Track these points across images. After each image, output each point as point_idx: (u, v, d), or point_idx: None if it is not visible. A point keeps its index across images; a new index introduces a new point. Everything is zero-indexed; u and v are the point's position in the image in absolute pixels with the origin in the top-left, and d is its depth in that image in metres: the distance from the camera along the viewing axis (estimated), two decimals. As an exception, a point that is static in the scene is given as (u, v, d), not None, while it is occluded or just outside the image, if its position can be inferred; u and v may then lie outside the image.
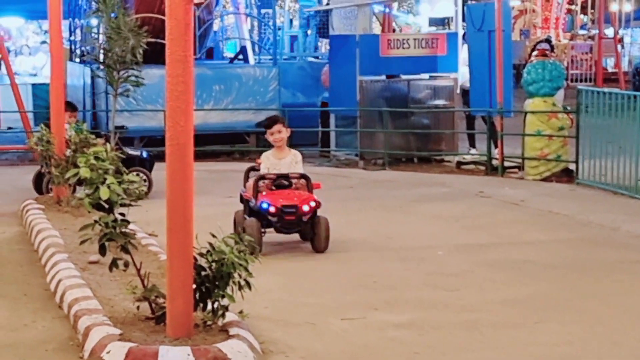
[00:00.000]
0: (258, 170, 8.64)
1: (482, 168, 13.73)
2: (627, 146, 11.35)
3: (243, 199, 8.69)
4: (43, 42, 25.04)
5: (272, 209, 8.15)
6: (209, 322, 5.50)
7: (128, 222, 5.58)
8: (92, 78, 15.35)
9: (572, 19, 36.23)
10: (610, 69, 28.77)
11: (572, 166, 12.53)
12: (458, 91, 15.14)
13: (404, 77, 15.02)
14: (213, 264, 5.39)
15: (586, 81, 28.06)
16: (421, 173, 13.65)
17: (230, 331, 5.40)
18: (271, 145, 8.70)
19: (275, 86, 16.02)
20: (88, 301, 6.04)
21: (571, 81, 26.52)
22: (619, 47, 26.88)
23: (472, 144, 15.13)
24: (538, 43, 15.02)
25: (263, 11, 20.44)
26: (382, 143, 14.34)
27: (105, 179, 5.43)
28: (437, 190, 11.99)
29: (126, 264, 5.64)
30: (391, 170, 13.97)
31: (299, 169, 8.52)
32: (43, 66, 21.84)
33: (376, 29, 23.76)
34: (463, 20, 15.44)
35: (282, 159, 8.53)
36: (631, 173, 11.20)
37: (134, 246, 5.62)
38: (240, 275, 5.44)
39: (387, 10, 23.00)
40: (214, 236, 5.46)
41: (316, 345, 5.69)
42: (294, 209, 8.16)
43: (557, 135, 12.77)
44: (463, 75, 15.06)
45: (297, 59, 20.98)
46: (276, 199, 8.20)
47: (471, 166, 14.11)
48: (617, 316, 6.36)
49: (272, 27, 18.29)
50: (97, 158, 5.48)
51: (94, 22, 13.39)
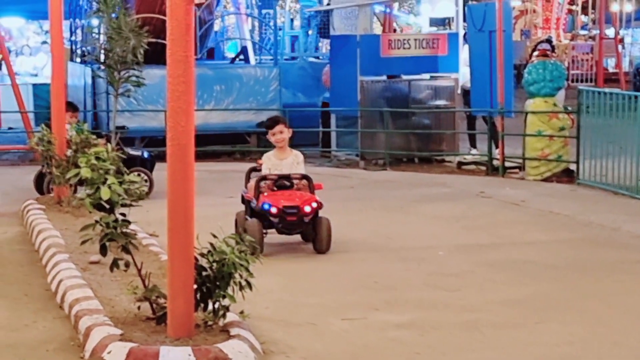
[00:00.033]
0: (259, 170, 8.61)
1: (483, 168, 13.73)
2: (628, 146, 11.36)
3: (244, 200, 8.66)
4: (44, 42, 25.03)
5: (274, 210, 8.13)
6: (210, 323, 5.49)
7: (129, 223, 5.58)
8: (93, 78, 15.35)
9: (573, 19, 36.22)
10: (611, 69, 28.75)
11: (573, 166, 12.53)
12: (459, 91, 15.14)
13: (405, 78, 15.01)
14: (214, 264, 5.39)
15: (587, 81, 28.01)
16: (422, 173, 13.65)
17: (231, 331, 5.40)
18: (272, 145, 8.69)
19: (276, 86, 16.02)
20: (89, 301, 6.04)
21: (572, 81, 26.49)
22: (620, 48, 26.87)
23: (473, 144, 15.13)
24: (539, 43, 15.05)
25: (264, 11, 20.41)
26: (383, 143, 14.34)
27: (106, 179, 5.43)
28: (438, 190, 11.99)
29: (127, 264, 5.63)
30: (392, 170, 13.98)
31: (301, 170, 8.50)
32: (44, 66, 21.83)
33: (377, 29, 23.74)
34: (464, 20, 15.44)
35: (284, 160, 8.51)
36: (632, 173, 11.20)
37: (135, 246, 5.62)
38: (241, 275, 5.43)
39: (388, 10, 23.02)
40: (215, 236, 5.46)
41: (317, 345, 5.70)
42: (296, 210, 8.14)
43: (558, 135, 12.77)
44: (464, 75, 15.06)
45: (298, 59, 20.96)
46: (278, 200, 8.17)
47: (472, 166, 14.11)
48: (618, 316, 6.36)
49: (273, 27, 18.27)
50: (98, 158, 5.48)
51: (95, 22, 13.41)
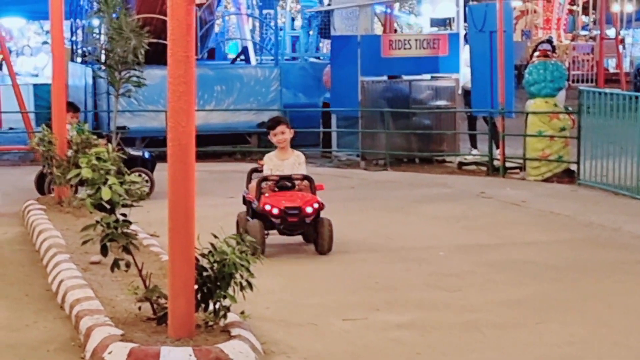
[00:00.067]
0: (261, 171, 8.59)
1: (484, 169, 13.72)
2: (629, 147, 11.35)
3: (246, 201, 8.65)
4: (44, 43, 25.04)
5: (275, 211, 8.12)
6: (211, 323, 5.49)
7: (130, 223, 5.58)
8: (94, 78, 15.35)
9: (574, 20, 36.22)
10: (611, 70, 28.75)
11: (574, 167, 12.52)
12: (459, 92, 15.14)
13: (406, 78, 15.01)
14: (215, 265, 5.39)
15: (588, 82, 28.01)
16: (422, 174, 13.65)
17: (231, 332, 5.40)
18: (273, 145, 8.68)
19: (276, 87, 16.02)
20: (90, 302, 6.04)
21: (573, 82, 26.49)
22: (621, 48, 26.88)
23: (474, 145, 15.13)
24: (539, 44, 15.09)
25: (264, 12, 20.41)
26: (384, 144, 14.34)
27: (106, 180, 5.43)
28: (439, 190, 11.99)
29: (128, 265, 5.63)
30: (393, 170, 13.98)
31: (302, 170, 8.48)
32: (44, 66, 21.83)
33: (378, 30, 23.74)
34: (465, 20, 15.44)
35: (285, 160, 8.50)
36: (632, 174, 11.19)
37: (136, 247, 5.62)
38: (241, 275, 5.43)
39: (389, 10, 23.01)
40: (216, 237, 5.46)
41: (318, 345, 5.69)
42: (297, 211, 8.12)
43: (559, 135, 12.77)
44: (464, 75, 15.06)
45: (299, 60, 20.96)
46: (279, 201, 8.17)
47: (472, 167, 14.10)
48: (619, 317, 6.36)
49: (274, 28, 18.28)
50: (99, 158, 5.48)
51: (96, 23, 13.42)
